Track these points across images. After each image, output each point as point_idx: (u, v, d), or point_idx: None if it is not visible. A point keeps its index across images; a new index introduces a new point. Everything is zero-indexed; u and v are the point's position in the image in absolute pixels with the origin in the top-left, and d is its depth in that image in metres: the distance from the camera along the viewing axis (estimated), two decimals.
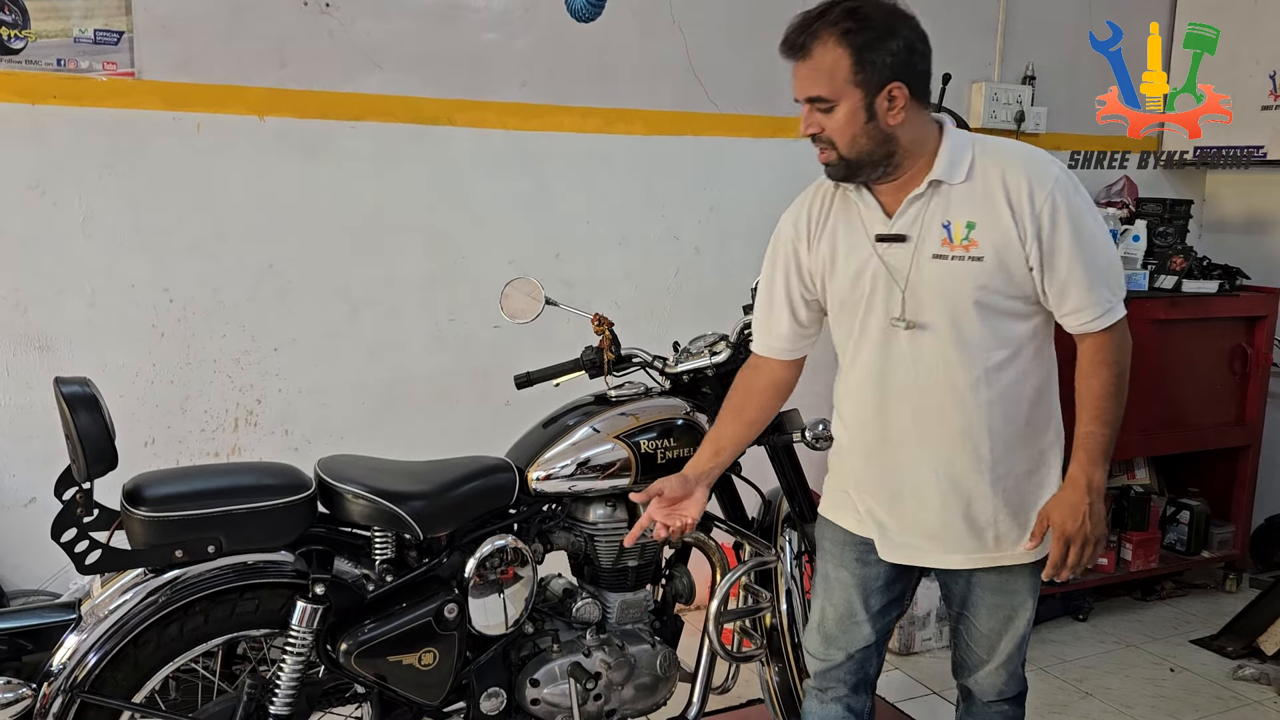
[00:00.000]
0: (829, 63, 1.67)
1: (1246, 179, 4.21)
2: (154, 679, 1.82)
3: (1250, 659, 3.32)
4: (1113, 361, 1.76)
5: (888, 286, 1.78)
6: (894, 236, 1.76)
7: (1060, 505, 1.76)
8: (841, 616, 1.97)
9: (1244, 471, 3.86)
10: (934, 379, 1.77)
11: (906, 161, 1.73)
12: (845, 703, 2.00)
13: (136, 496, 1.78)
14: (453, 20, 2.99)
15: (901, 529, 1.88)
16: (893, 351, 1.80)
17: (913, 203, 1.74)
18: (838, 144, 1.71)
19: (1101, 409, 1.76)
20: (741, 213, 3.46)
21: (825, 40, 1.68)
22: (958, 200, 1.72)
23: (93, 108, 2.63)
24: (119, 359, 2.73)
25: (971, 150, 1.74)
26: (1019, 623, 1.91)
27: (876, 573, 1.94)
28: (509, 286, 2.35)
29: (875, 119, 1.69)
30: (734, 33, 3.37)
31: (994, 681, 1.96)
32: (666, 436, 2.20)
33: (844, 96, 1.68)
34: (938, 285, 1.73)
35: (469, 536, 2.07)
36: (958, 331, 1.74)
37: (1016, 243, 1.69)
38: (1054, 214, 1.68)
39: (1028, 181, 1.69)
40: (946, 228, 1.72)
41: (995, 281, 1.72)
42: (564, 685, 2.12)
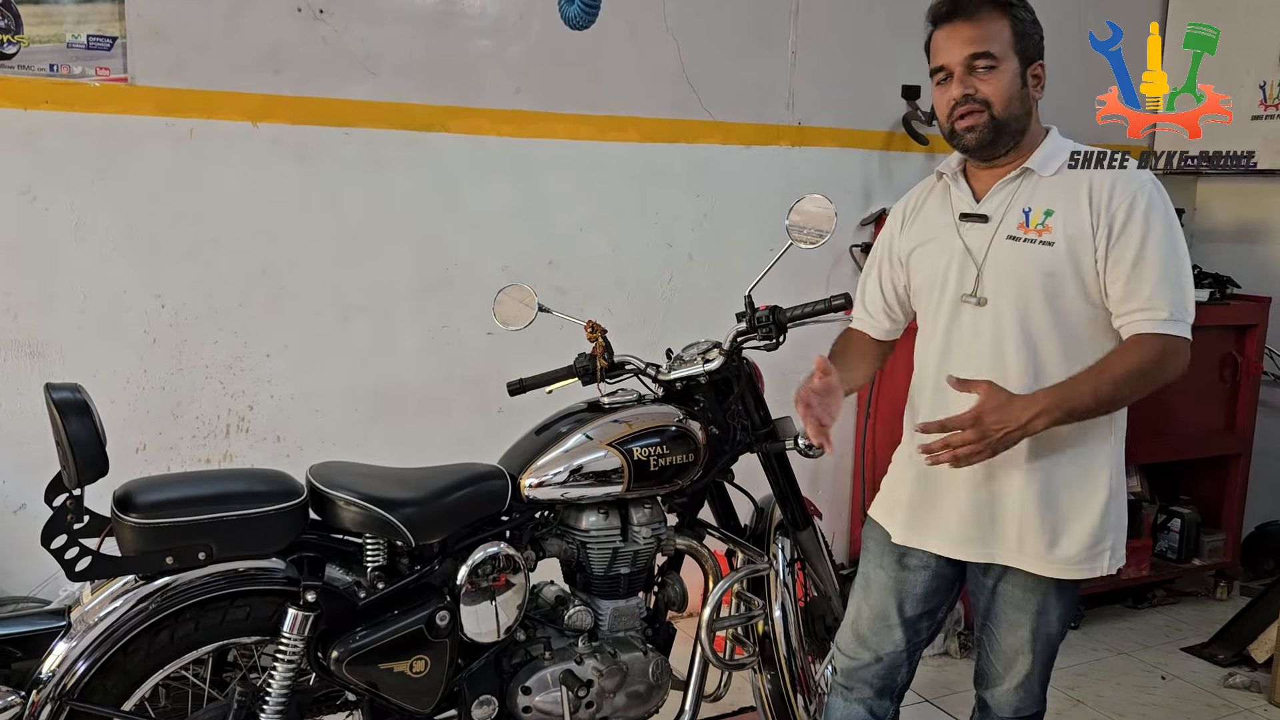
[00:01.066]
0: (995, 26, 1.77)
1: (1237, 188, 4.23)
2: (144, 686, 1.80)
3: (1241, 667, 3.33)
4: (1149, 359, 1.71)
5: (963, 264, 1.85)
6: (976, 216, 1.85)
7: (1001, 397, 1.69)
8: (875, 617, 2.00)
9: (1234, 479, 3.88)
10: (989, 357, 1.81)
11: (1024, 144, 1.83)
12: (869, 705, 2.03)
13: (127, 503, 1.77)
14: (446, 27, 3.00)
15: (927, 511, 1.90)
16: (958, 328, 1.86)
17: (1002, 186, 1.83)
18: (994, 103, 1.78)
19: (1106, 379, 1.71)
20: (735, 220, 3.47)
21: (992, 9, 1.78)
22: (1044, 189, 1.80)
23: (85, 113, 2.63)
24: (110, 365, 2.73)
25: (1069, 151, 1.84)
26: (1040, 644, 1.91)
27: (915, 579, 1.97)
28: (502, 293, 2.36)
29: (1026, 90, 1.80)
30: (727, 41, 3.38)
31: (1011, 700, 1.97)
32: (660, 443, 2.20)
33: (1007, 58, 1.78)
34: (1007, 265, 1.79)
35: (461, 544, 2.06)
36: (1020, 315, 1.78)
37: (1089, 232, 1.74)
38: (1130, 209, 1.72)
39: (1113, 180, 1.76)
40: (1026, 213, 1.80)
41: (1062, 269, 1.75)
42: (556, 693, 2.12)
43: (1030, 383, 1.77)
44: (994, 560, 1.87)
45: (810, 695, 2.45)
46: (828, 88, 3.56)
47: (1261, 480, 4.01)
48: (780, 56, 3.48)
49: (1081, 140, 1.91)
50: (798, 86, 3.52)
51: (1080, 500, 1.82)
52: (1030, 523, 1.82)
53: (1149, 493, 3.97)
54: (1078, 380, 1.72)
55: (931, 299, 1.91)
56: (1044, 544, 1.82)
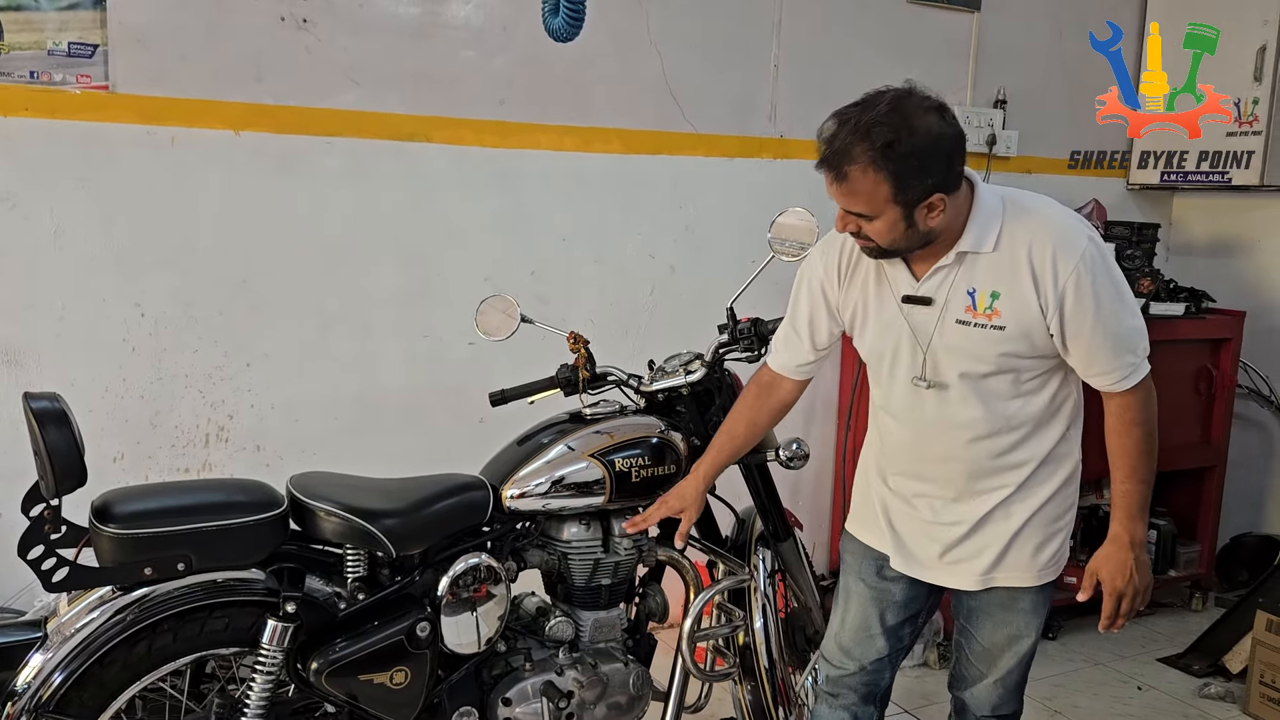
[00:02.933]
0: (869, 189, 1.67)
1: (1212, 203, 4.29)
2: (120, 699, 1.79)
3: (1216, 677, 3.36)
4: (1142, 420, 1.82)
5: (911, 346, 1.84)
6: (920, 299, 1.81)
7: (1108, 562, 1.85)
8: (857, 628, 2.04)
9: (1210, 492, 3.92)
10: (957, 430, 1.84)
11: (940, 240, 1.77)
12: (854, 711, 2.08)
13: (105, 513, 1.76)
14: (430, 38, 3.00)
15: (916, 546, 1.95)
16: (919, 406, 1.87)
17: (939, 270, 1.79)
18: (877, 242, 1.75)
19: (1135, 467, 1.83)
20: (717, 232, 3.48)
21: (864, 167, 1.65)
22: (983, 269, 1.76)
23: (66, 120, 2.61)
24: (89, 374, 2.71)
25: (1001, 218, 1.75)
26: (1023, 643, 1.97)
27: (893, 589, 2.01)
28: (484, 304, 2.36)
29: (914, 225, 1.71)
30: (711, 53, 3.40)
31: (989, 696, 2.02)
32: (641, 455, 2.20)
33: (883, 212, 1.69)
34: (961, 349, 1.79)
35: (442, 554, 2.06)
36: (979, 391, 1.81)
37: (1038, 314, 1.73)
38: (1078, 288, 1.70)
39: (1053, 254, 1.71)
40: (971, 295, 1.77)
41: (1018, 347, 1.77)
42: (536, 704, 2.11)
43: (1009, 448, 1.84)
44: (992, 585, 1.92)
45: (790, 706, 2.46)
46: (810, 101, 3.58)
47: (1236, 492, 4.05)
48: (763, 69, 3.50)
49: (1052, 165, 1.92)
50: (780, 99, 3.55)
51: (1052, 518, 1.92)
52: (1015, 555, 1.90)
53: None
54: (1125, 489, 1.85)
55: (883, 371, 1.91)
56: (1031, 558, 1.91)
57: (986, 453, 1.85)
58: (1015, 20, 3.94)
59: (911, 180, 1.65)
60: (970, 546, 1.90)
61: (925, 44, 3.74)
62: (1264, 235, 4.11)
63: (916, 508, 1.94)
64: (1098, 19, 4.07)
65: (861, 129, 1.64)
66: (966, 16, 3.82)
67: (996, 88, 3.91)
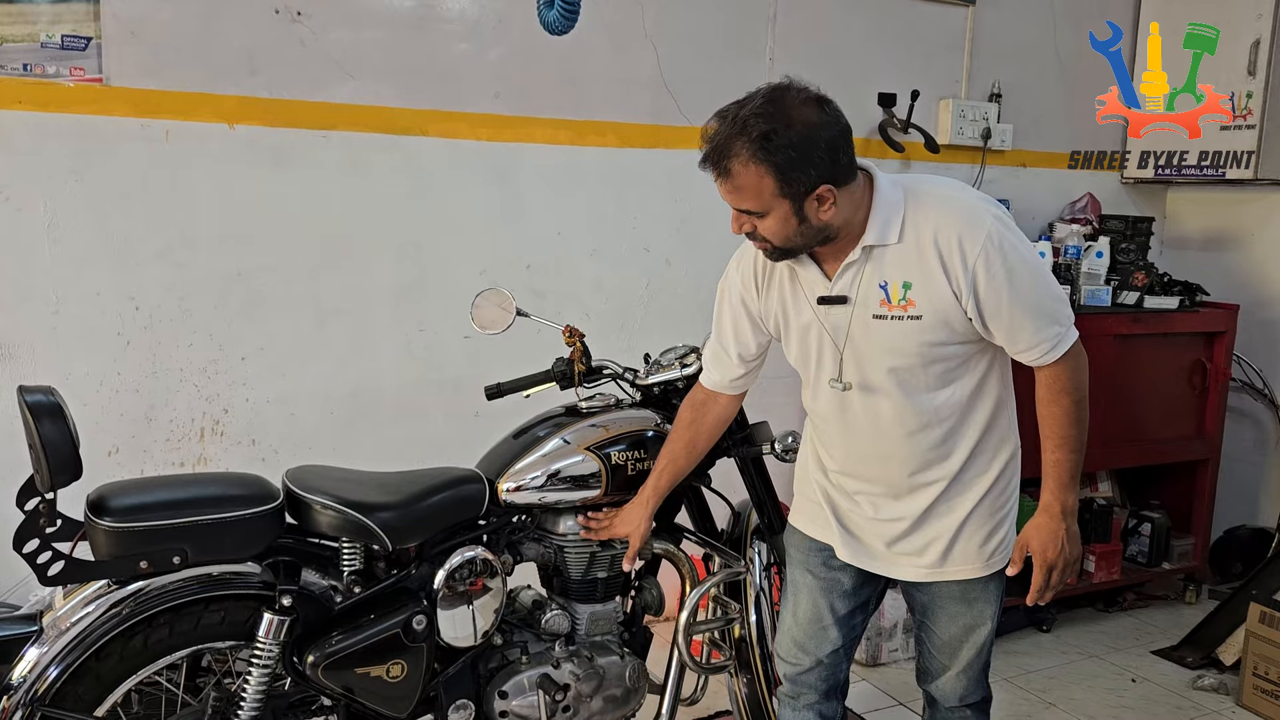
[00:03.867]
0: (753, 182, 1.66)
1: (1206, 197, 4.30)
2: (117, 692, 1.79)
3: (1209, 669, 3.37)
4: (1071, 388, 1.78)
5: (833, 348, 1.83)
6: (834, 299, 1.79)
7: (1039, 532, 1.80)
8: (809, 621, 2.02)
9: (1203, 484, 3.93)
10: (887, 425, 1.83)
11: (842, 235, 1.75)
12: (818, 709, 2.06)
13: (101, 507, 1.76)
14: (425, 31, 2.99)
15: (862, 538, 1.94)
16: (848, 406, 1.86)
17: (849, 268, 1.76)
18: (772, 241, 1.73)
19: (1066, 436, 1.79)
20: (712, 225, 3.47)
21: (745, 161, 1.64)
22: (892, 261, 1.74)
23: (59, 113, 2.60)
24: (83, 367, 2.70)
25: (903, 208, 1.73)
26: (980, 632, 1.96)
27: (841, 578, 2.00)
28: (480, 297, 2.35)
29: (806, 219, 1.69)
30: (706, 47, 3.39)
31: (955, 687, 2.01)
32: (637, 448, 2.21)
33: (772, 207, 1.68)
34: (882, 343, 1.77)
35: (438, 548, 2.06)
36: (903, 384, 1.79)
37: (953, 300, 1.72)
38: (989, 268, 1.68)
39: (958, 238, 1.69)
40: (884, 288, 1.75)
41: (938, 335, 1.75)
42: (533, 697, 2.12)
43: (941, 440, 1.82)
44: (942, 578, 1.91)
45: None
46: None
47: (1230, 485, 4.06)
48: (758, 63, 3.50)
49: (1047, 159, 1.92)
50: None
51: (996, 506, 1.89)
52: (960, 546, 1.88)
53: (1120, 498, 4.02)
54: (1055, 458, 1.80)
55: (809, 376, 1.91)
56: (978, 550, 1.89)
57: (919, 447, 1.83)
58: (1010, 14, 3.94)
59: (794, 171, 1.64)
60: (916, 541, 1.89)
61: (920, 37, 3.74)
62: (1258, 229, 4.12)
63: (859, 504, 1.92)
64: (1092, 13, 4.09)
65: (739, 123, 1.65)
66: (961, 10, 3.82)
67: (992, 81, 3.91)
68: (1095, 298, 3.69)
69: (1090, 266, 3.71)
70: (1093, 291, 3.69)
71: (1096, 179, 4.22)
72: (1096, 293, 3.69)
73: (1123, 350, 3.58)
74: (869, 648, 3.30)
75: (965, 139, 3.83)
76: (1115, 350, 3.54)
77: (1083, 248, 3.73)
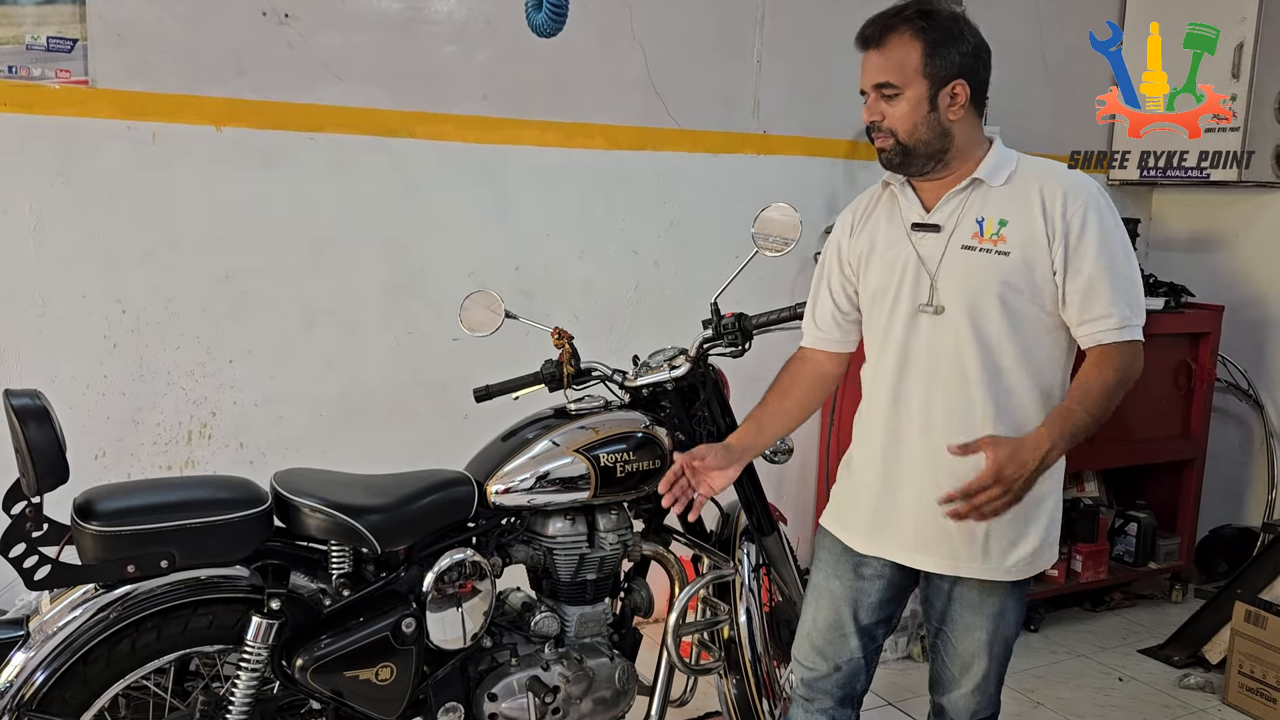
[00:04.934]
0: (901, 53, 1.78)
1: (1191, 199, 4.33)
2: (104, 697, 1.78)
3: (1195, 668, 3.39)
4: (1120, 368, 1.77)
5: (917, 273, 1.85)
6: (928, 226, 1.85)
7: (1009, 447, 1.69)
8: (830, 627, 1.99)
9: (1189, 484, 3.96)
10: (948, 368, 1.82)
11: (956, 160, 1.83)
12: (830, 715, 2.03)
13: (88, 511, 1.75)
14: (413, 33, 2.99)
15: (890, 520, 1.90)
16: (915, 339, 1.85)
17: (952, 197, 1.83)
18: (898, 131, 1.80)
19: (1093, 400, 1.75)
20: (700, 227, 3.49)
21: (901, 32, 1.78)
22: (995, 199, 1.81)
23: (45, 115, 2.59)
24: (70, 370, 2.69)
25: (1016, 162, 1.84)
26: (997, 647, 1.93)
27: (871, 588, 1.96)
28: (468, 299, 2.35)
29: (937, 111, 1.79)
30: (694, 49, 3.40)
31: (968, 704, 1.98)
32: (626, 450, 2.21)
33: (911, 85, 1.78)
34: (963, 274, 1.80)
35: (427, 550, 2.06)
36: (975, 324, 1.80)
37: (1044, 243, 1.76)
38: (1084, 222, 1.76)
39: (1063, 191, 1.77)
40: (979, 222, 1.81)
41: (1018, 279, 1.77)
42: (522, 699, 2.12)
43: (990, 386, 1.80)
44: (958, 573, 1.87)
45: (775, 700, 2.47)
46: (793, 96, 3.60)
47: (1215, 485, 4.09)
48: (746, 65, 3.51)
49: None
50: (763, 95, 3.55)
51: (1033, 504, 1.82)
52: (995, 532, 1.83)
53: (1107, 498, 4.04)
54: (1070, 406, 1.76)
55: (884, 310, 1.90)
56: (1004, 550, 1.85)
57: (979, 394, 1.80)
58: (997, 17, 3.95)
59: (941, 50, 1.78)
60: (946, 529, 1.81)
61: None
62: (1241, 230, 4.15)
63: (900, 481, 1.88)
64: (1078, 16, 4.11)
65: (900, 9, 1.82)
66: None
67: None
68: None
69: None
70: None
71: None
72: None
73: None
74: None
75: None
76: None
77: None
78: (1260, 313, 4.05)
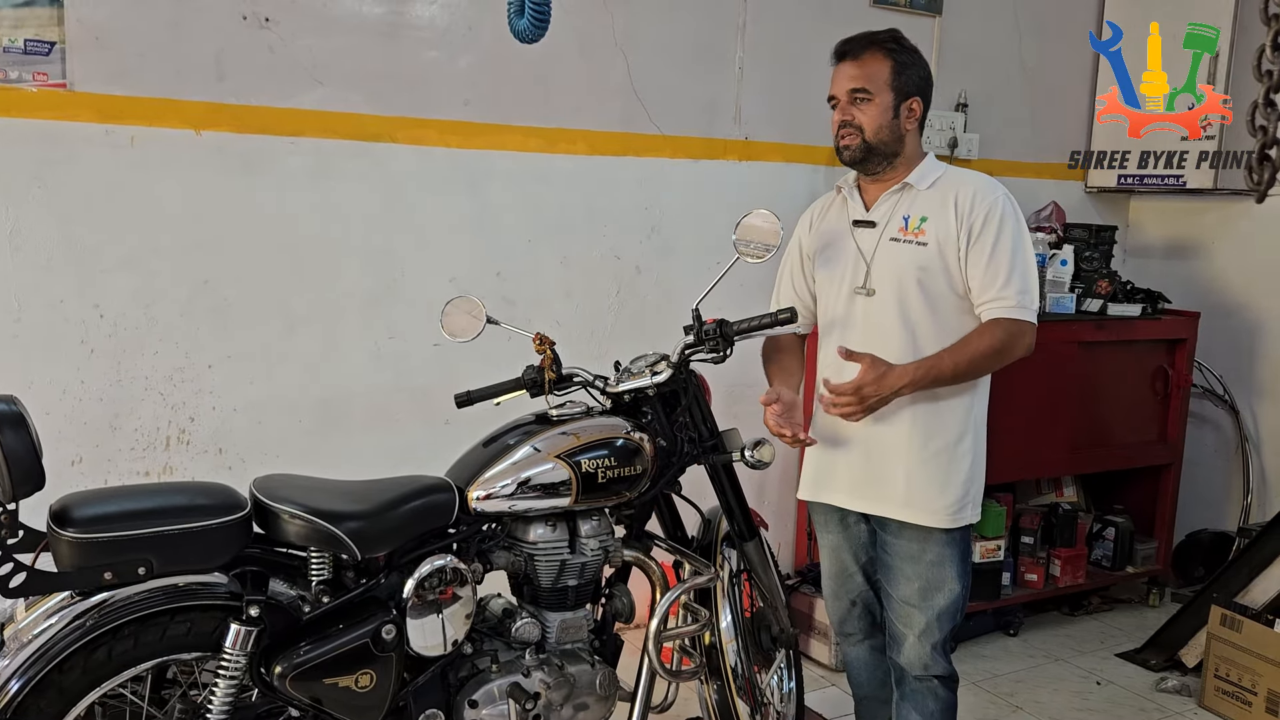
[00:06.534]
0: (874, 67, 2.17)
1: (1167, 206, 4.37)
2: (80, 705, 1.76)
3: (1172, 671, 3.42)
4: (1002, 338, 2.11)
5: (856, 262, 2.25)
6: (865, 222, 2.26)
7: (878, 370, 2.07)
8: (839, 573, 2.43)
9: (1166, 489, 4.00)
10: (878, 337, 2.18)
11: (901, 165, 2.22)
12: (868, 644, 2.47)
13: (64, 517, 1.74)
14: (395, 38, 2.99)
15: (832, 472, 2.30)
16: (853, 315, 2.25)
17: (888, 198, 2.23)
18: (865, 129, 2.17)
19: (965, 356, 2.11)
20: (682, 233, 3.50)
21: (875, 51, 2.18)
22: (920, 200, 2.20)
23: (22, 119, 2.57)
24: (46, 375, 2.67)
25: (943, 171, 2.24)
26: (937, 597, 2.23)
27: (857, 532, 2.37)
28: (450, 305, 2.35)
29: (898, 119, 2.18)
30: (676, 56, 3.41)
31: (919, 654, 2.26)
32: (607, 456, 2.20)
33: (880, 94, 2.17)
34: (890, 262, 2.19)
35: (407, 557, 2.05)
36: (900, 302, 2.18)
37: (954, 235, 2.14)
38: (987, 217, 2.13)
39: (973, 192, 2.16)
40: (905, 219, 2.20)
41: (933, 264, 2.16)
42: (503, 706, 2.11)
43: (909, 355, 2.15)
44: (885, 514, 2.23)
45: (756, 705, 2.48)
46: (774, 103, 3.61)
47: (1192, 490, 4.13)
48: (727, 72, 3.53)
49: (1013, 168, 2.01)
50: (744, 101, 3.57)
51: (953, 456, 2.20)
52: (918, 482, 2.18)
53: (1085, 503, 4.07)
54: (941, 356, 2.12)
55: (832, 291, 2.30)
56: (929, 499, 2.19)
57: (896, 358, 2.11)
58: (976, 24, 3.99)
59: (906, 71, 2.18)
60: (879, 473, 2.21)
61: None
62: (1217, 238, 4.20)
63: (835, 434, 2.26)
64: (1057, 23, 4.15)
65: (875, 34, 2.23)
66: (928, 20, 3.87)
67: (958, 91, 3.96)
68: (1059, 305, 3.73)
69: (1055, 274, 3.76)
70: (1057, 299, 3.74)
71: (1061, 188, 4.28)
72: (1061, 300, 3.74)
73: (1086, 357, 3.63)
74: (837, 652, 3.31)
75: (931, 147, 3.81)
76: (1079, 357, 3.59)
77: (1048, 256, 3.78)
78: (1236, 319, 4.10)
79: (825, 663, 3.38)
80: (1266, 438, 4.08)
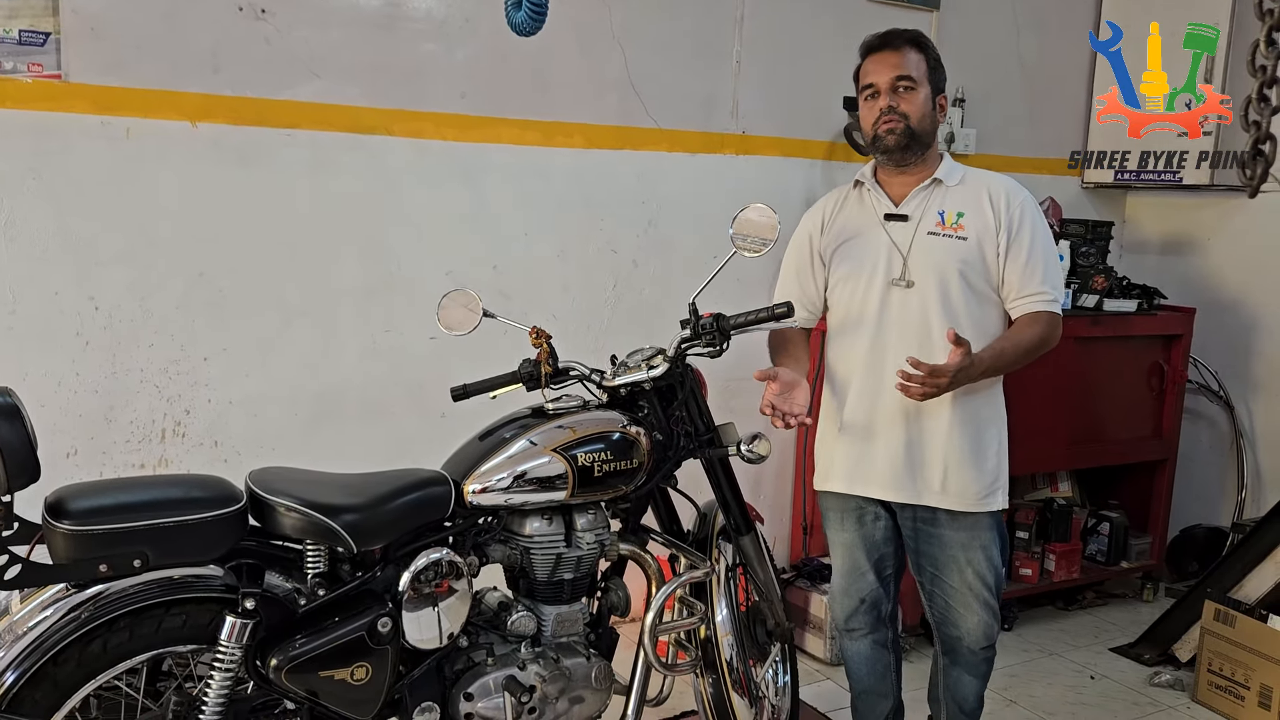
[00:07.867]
0: (915, 58, 2.25)
1: (1163, 202, 4.37)
2: (75, 697, 1.76)
3: (1166, 666, 3.44)
4: (1041, 331, 2.22)
5: (889, 255, 2.28)
6: (899, 216, 2.30)
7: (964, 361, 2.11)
8: (850, 571, 2.45)
9: (1161, 484, 4.01)
10: (917, 329, 2.24)
11: (928, 157, 2.29)
12: (870, 639, 2.48)
13: (59, 509, 1.73)
14: (392, 30, 2.98)
15: (870, 465, 2.31)
16: (888, 308, 2.28)
17: (918, 193, 2.29)
18: (910, 116, 2.23)
19: (1019, 346, 2.21)
20: (679, 227, 3.50)
21: (913, 45, 2.26)
22: (952, 196, 2.28)
23: (16, 110, 2.56)
24: (41, 367, 2.66)
25: (963, 169, 2.33)
26: (993, 578, 2.33)
27: (874, 530, 2.40)
28: (446, 298, 2.35)
29: (934, 110, 2.27)
30: (673, 50, 3.41)
31: (985, 630, 2.36)
32: (604, 449, 2.20)
33: (922, 84, 2.24)
34: (930, 255, 2.25)
35: (403, 550, 2.05)
36: (941, 294, 2.24)
37: (993, 230, 2.24)
38: (1022, 216, 2.25)
39: (1006, 191, 2.27)
40: (941, 214, 2.27)
41: (973, 259, 2.24)
42: (499, 699, 2.11)
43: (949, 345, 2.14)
44: (932, 504, 2.28)
45: (751, 699, 2.48)
46: (771, 97, 3.61)
47: (1186, 485, 4.14)
48: (725, 66, 3.52)
49: (1010, 163, 2.01)
50: (742, 95, 3.56)
51: (985, 445, 2.29)
52: (953, 464, 2.25)
53: (1080, 498, 4.08)
54: (1004, 347, 2.21)
55: (859, 286, 2.30)
56: (971, 483, 2.26)
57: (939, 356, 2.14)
58: (973, 19, 3.99)
59: (936, 68, 2.28)
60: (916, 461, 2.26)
61: None
62: (1213, 234, 4.20)
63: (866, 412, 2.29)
64: (1055, 20, 4.15)
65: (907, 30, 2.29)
66: (925, 15, 3.86)
67: (955, 86, 3.95)
68: None
69: None
70: None
71: (1057, 184, 4.29)
72: None
73: (1082, 352, 3.64)
74: (834, 647, 3.32)
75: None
76: (1075, 352, 3.59)
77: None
78: (1231, 315, 4.10)
79: (820, 657, 3.39)
80: (1261, 433, 4.09)
